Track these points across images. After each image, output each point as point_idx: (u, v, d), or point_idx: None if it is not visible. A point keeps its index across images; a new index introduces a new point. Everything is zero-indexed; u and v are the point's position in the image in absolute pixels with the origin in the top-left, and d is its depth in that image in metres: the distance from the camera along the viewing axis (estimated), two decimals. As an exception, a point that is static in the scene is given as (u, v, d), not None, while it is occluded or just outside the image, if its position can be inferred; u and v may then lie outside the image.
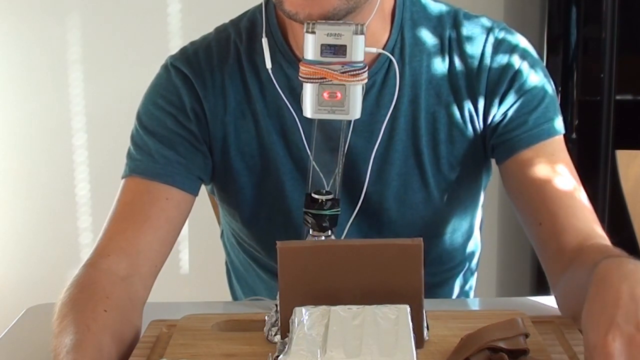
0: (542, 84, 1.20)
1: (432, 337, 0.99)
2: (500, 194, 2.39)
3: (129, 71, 2.56)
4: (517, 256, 2.49)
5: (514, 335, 0.91)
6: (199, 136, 1.20)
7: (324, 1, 1.04)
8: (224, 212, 1.32)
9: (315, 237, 1.06)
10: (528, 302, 1.18)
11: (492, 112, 1.20)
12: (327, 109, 1.02)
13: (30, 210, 2.70)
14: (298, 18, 1.05)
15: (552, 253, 1.13)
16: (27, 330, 1.11)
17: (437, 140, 1.21)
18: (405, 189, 1.22)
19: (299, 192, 1.18)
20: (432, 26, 1.21)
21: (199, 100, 1.20)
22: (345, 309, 0.90)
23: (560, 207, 1.13)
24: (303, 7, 1.04)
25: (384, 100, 1.18)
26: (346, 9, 1.05)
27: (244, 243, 1.32)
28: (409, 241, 0.95)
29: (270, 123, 1.20)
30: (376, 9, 1.13)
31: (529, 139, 1.17)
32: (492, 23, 1.22)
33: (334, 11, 1.04)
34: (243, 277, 1.39)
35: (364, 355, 0.82)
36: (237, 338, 1.02)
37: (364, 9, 1.09)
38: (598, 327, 0.83)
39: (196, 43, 1.24)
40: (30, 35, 2.60)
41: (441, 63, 1.20)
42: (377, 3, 1.13)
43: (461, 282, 1.36)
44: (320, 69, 1.01)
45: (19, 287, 2.70)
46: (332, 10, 1.04)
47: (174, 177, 1.17)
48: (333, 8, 1.04)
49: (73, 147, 2.67)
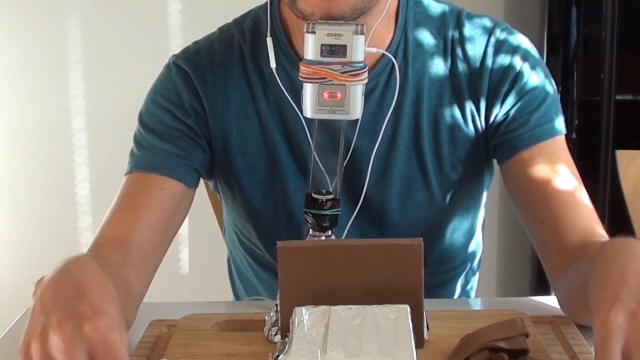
0: (544, 84, 1.20)
1: (432, 337, 0.99)
2: (501, 193, 2.39)
3: (129, 71, 2.56)
4: (517, 256, 2.49)
5: (514, 335, 0.91)
6: (198, 131, 1.20)
7: (341, 1, 1.03)
8: (227, 209, 1.32)
9: (315, 237, 1.06)
10: (528, 302, 1.18)
11: (494, 113, 1.20)
12: (327, 109, 1.02)
13: (30, 210, 2.70)
14: (314, 18, 1.04)
15: (553, 251, 1.13)
16: (27, 330, 1.11)
17: (439, 141, 1.21)
18: (407, 190, 1.22)
19: (302, 192, 1.18)
20: (435, 27, 1.21)
21: (198, 96, 1.20)
22: (345, 309, 0.90)
23: (562, 207, 1.13)
24: (321, 7, 1.03)
25: (387, 101, 1.18)
26: (361, 8, 1.05)
27: (246, 240, 1.32)
28: (409, 241, 0.95)
29: (274, 123, 1.20)
30: (386, 10, 1.13)
31: (530, 139, 1.17)
32: (494, 23, 1.22)
33: (351, 11, 1.04)
34: (244, 275, 1.39)
35: (364, 355, 0.82)
36: (237, 338, 1.02)
37: (373, 10, 1.09)
38: (602, 303, 0.83)
39: (199, 43, 1.25)
40: (30, 35, 2.60)
41: (443, 64, 1.20)
42: (386, 4, 1.13)
43: (462, 282, 1.36)
44: (321, 69, 1.01)
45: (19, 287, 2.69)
46: (350, 10, 1.04)
47: (172, 168, 1.17)
48: (351, 8, 1.04)
49: (73, 147, 2.67)
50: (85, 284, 0.85)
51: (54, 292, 0.85)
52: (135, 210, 1.14)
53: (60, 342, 0.79)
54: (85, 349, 0.79)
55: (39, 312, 0.83)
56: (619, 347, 0.79)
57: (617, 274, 0.85)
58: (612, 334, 0.79)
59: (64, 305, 0.82)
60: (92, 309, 0.81)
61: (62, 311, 0.81)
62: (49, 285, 0.86)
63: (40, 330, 0.81)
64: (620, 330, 0.80)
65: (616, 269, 0.86)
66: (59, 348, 0.79)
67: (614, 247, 0.92)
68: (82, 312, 0.81)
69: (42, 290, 0.86)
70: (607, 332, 0.80)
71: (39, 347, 0.80)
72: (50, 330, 0.80)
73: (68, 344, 0.78)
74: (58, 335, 0.79)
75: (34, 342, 0.80)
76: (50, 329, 0.80)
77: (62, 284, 0.86)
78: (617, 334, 0.79)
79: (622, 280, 0.84)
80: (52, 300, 0.84)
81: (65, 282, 0.86)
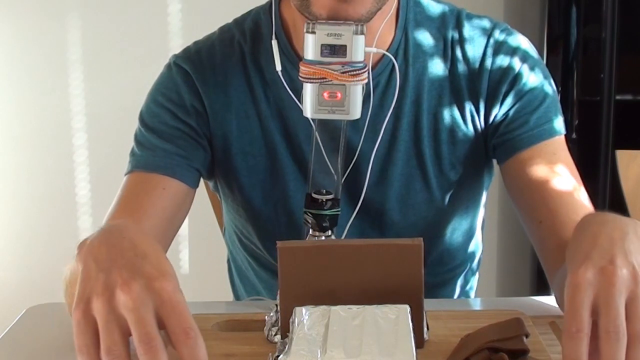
0: (543, 85, 1.20)
1: (432, 337, 0.99)
2: (500, 193, 2.39)
3: (129, 71, 2.56)
4: (517, 256, 2.49)
5: (514, 335, 0.91)
6: (199, 131, 1.20)
7: (358, 3, 1.03)
8: (227, 209, 1.32)
9: (315, 237, 1.06)
10: (528, 302, 1.18)
11: (493, 113, 1.20)
12: (327, 109, 1.02)
13: (30, 210, 2.70)
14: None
15: (551, 249, 1.13)
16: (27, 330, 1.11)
17: (438, 141, 1.21)
18: (407, 190, 1.22)
19: (302, 192, 1.18)
20: (435, 27, 1.21)
21: (198, 96, 1.20)
22: (345, 309, 0.90)
23: (561, 206, 1.13)
24: (336, 10, 1.03)
25: (387, 101, 1.18)
26: (376, 10, 1.06)
27: (246, 240, 1.32)
28: (409, 241, 0.95)
29: (274, 124, 1.20)
30: (391, 12, 1.13)
31: (530, 139, 1.18)
32: (494, 24, 1.22)
33: (367, 14, 1.04)
34: (245, 275, 1.39)
35: (364, 355, 0.82)
36: (237, 338, 1.02)
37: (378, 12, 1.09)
38: (574, 263, 0.83)
39: (199, 43, 1.25)
40: (30, 35, 2.60)
41: (443, 64, 1.20)
42: (392, 6, 1.14)
43: (462, 282, 1.36)
44: (320, 69, 1.01)
45: (19, 287, 2.70)
46: (366, 12, 1.04)
47: (173, 168, 1.17)
48: (366, 10, 1.04)
49: (73, 147, 2.67)
50: (142, 245, 0.83)
51: (109, 250, 0.82)
52: (138, 210, 1.14)
53: (129, 300, 0.76)
54: (152, 308, 0.77)
55: (96, 270, 0.80)
56: (589, 301, 0.79)
57: (590, 237, 0.86)
58: (581, 288, 0.79)
59: (127, 264, 0.80)
60: (156, 269, 0.80)
61: (125, 270, 0.79)
62: (100, 245, 0.84)
63: (103, 288, 0.78)
64: (590, 284, 0.80)
65: (589, 233, 0.87)
66: (128, 306, 0.76)
67: (588, 218, 0.93)
68: (147, 271, 0.79)
69: (93, 249, 0.83)
70: (576, 287, 0.80)
71: (103, 304, 0.77)
72: (117, 288, 0.77)
73: (137, 302, 0.76)
74: (126, 294, 0.77)
75: (96, 300, 0.78)
76: (116, 286, 0.78)
77: (116, 244, 0.83)
78: (586, 288, 0.79)
79: (594, 242, 0.84)
80: (110, 258, 0.81)
81: (120, 242, 0.83)
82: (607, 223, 0.88)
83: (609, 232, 0.86)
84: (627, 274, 0.80)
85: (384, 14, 1.12)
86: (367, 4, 1.04)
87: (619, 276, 0.79)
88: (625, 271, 0.80)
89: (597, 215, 0.94)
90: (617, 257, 0.81)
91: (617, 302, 0.78)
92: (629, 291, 0.80)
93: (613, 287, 0.79)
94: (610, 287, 0.79)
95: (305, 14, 1.06)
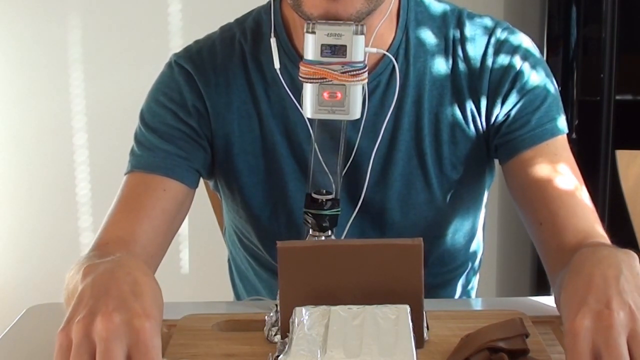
0: (544, 84, 1.20)
1: (432, 337, 0.99)
2: (501, 193, 2.39)
3: (129, 71, 2.56)
4: (517, 256, 2.49)
5: (514, 335, 0.91)
6: (199, 131, 1.20)
7: (347, 3, 1.03)
8: (227, 208, 1.32)
9: (315, 237, 1.06)
10: (528, 302, 1.18)
11: (495, 113, 1.20)
12: (327, 109, 1.02)
13: (31, 210, 2.70)
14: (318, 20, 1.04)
15: (552, 252, 1.13)
16: (27, 330, 1.12)
17: (440, 141, 1.21)
18: (408, 190, 1.22)
19: (302, 192, 1.18)
20: (437, 26, 1.21)
21: (200, 96, 1.20)
22: (345, 309, 0.90)
23: (561, 207, 1.13)
24: (326, 9, 1.03)
25: (388, 101, 1.17)
26: (367, 11, 1.05)
27: (246, 240, 1.32)
28: (409, 241, 0.95)
29: (275, 123, 1.20)
30: (390, 12, 1.13)
31: (531, 139, 1.17)
32: (495, 23, 1.22)
33: (357, 14, 1.04)
34: (245, 274, 1.39)
35: (364, 355, 0.82)
36: (237, 338, 1.02)
37: (376, 11, 1.09)
38: (570, 310, 0.84)
39: (200, 42, 1.25)
40: (30, 35, 2.60)
41: (444, 63, 1.20)
42: (389, 5, 1.13)
43: (463, 282, 1.36)
44: (320, 69, 1.01)
45: (19, 287, 2.70)
46: (355, 13, 1.04)
47: (174, 169, 1.17)
48: (357, 11, 1.04)
49: (73, 147, 2.67)
50: (142, 285, 0.86)
51: (109, 281, 0.85)
52: (138, 211, 1.14)
53: (104, 330, 0.79)
54: (126, 344, 0.79)
55: (89, 295, 0.83)
56: (588, 348, 0.80)
57: (584, 281, 0.87)
58: (580, 337, 0.81)
59: (118, 297, 0.83)
60: (144, 309, 0.82)
61: (114, 301, 0.82)
62: (104, 274, 0.87)
63: (87, 312, 0.81)
64: (588, 331, 0.81)
65: (583, 276, 0.88)
66: (101, 335, 0.79)
67: (582, 257, 0.94)
68: (134, 308, 0.81)
69: (97, 276, 0.86)
70: (575, 335, 0.81)
71: (81, 329, 0.80)
72: (99, 315, 0.80)
73: (111, 333, 0.79)
74: (105, 322, 0.79)
75: (77, 322, 0.80)
76: (98, 313, 0.80)
77: (119, 278, 0.86)
78: (584, 335, 0.81)
79: (588, 286, 0.86)
80: (107, 288, 0.84)
81: (124, 277, 0.86)
82: (602, 261, 0.89)
83: (603, 272, 0.87)
84: (624, 315, 0.81)
85: (382, 13, 1.12)
86: (356, 4, 1.04)
87: (616, 319, 0.81)
88: (622, 313, 0.81)
89: (590, 253, 0.94)
90: (612, 300, 0.82)
91: (618, 343, 0.80)
92: (629, 330, 0.81)
93: (612, 330, 0.80)
94: (610, 330, 0.80)
95: (298, 12, 1.07)
